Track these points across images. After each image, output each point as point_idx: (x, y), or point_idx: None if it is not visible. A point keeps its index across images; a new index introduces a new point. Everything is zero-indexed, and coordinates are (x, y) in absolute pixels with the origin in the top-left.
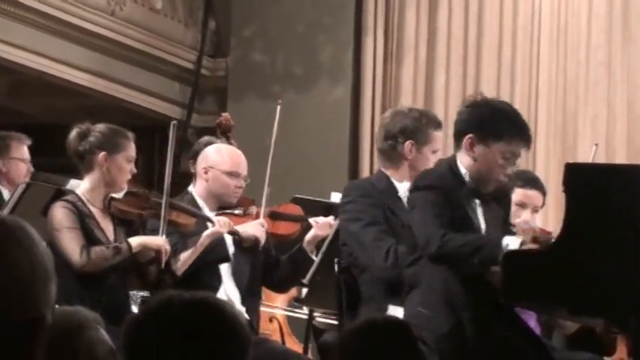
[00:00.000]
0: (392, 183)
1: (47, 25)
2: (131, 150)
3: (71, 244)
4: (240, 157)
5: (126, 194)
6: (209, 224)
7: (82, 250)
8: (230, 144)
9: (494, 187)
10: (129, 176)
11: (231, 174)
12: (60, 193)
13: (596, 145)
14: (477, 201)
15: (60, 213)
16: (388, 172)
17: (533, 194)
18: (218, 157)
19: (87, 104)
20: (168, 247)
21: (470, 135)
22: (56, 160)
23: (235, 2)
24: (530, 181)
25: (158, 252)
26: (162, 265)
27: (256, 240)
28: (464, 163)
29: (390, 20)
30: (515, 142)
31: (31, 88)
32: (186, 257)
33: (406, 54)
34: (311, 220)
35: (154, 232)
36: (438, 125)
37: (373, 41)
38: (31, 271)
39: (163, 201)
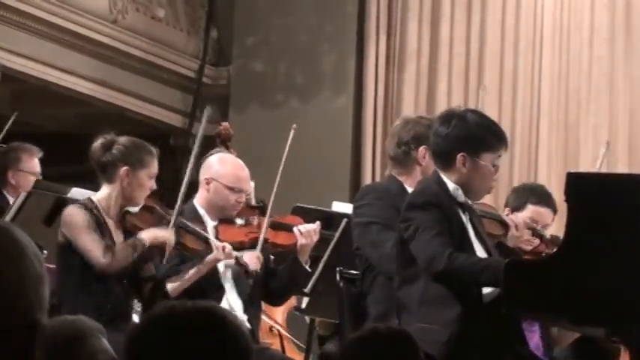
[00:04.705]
0: (404, 188)
1: (49, 33)
2: (154, 167)
3: (93, 246)
4: (244, 172)
5: (141, 209)
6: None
7: (105, 251)
8: (229, 153)
9: (484, 196)
10: (148, 192)
11: (233, 189)
12: (61, 202)
13: (608, 143)
14: (467, 214)
15: (77, 214)
16: (401, 179)
17: (546, 212)
18: (221, 170)
19: (89, 113)
20: (173, 240)
21: (462, 153)
22: (58, 169)
23: (237, 11)
24: (545, 198)
25: (163, 244)
26: (165, 258)
27: (249, 271)
28: (453, 180)
29: (393, 29)
30: (499, 148)
31: (33, 96)
32: (181, 281)
33: (408, 63)
34: (294, 229)
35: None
36: None
37: (375, 50)
38: (20, 281)
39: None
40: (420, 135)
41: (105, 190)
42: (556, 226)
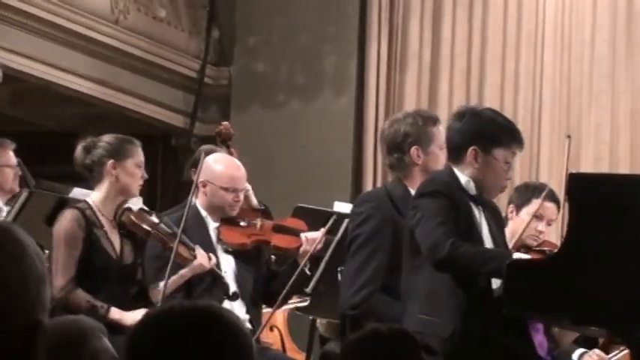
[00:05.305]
0: (409, 191)
1: (50, 33)
2: (139, 155)
3: (62, 268)
4: (238, 171)
5: (140, 209)
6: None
7: (68, 282)
8: (230, 153)
9: (497, 194)
10: (140, 182)
11: (227, 189)
12: (63, 202)
13: (569, 137)
14: (480, 209)
15: (66, 225)
16: (405, 182)
17: (551, 206)
18: (215, 172)
19: (90, 112)
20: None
21: (473, 147)
22: (59, 169)
23: (239, 11)
24: (550, 193)
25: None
26: (168, 272)
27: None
28: (465, 174)
29: (394, 30)
30: (513, 145)
31: (34, 96)
32: (164, 286)
33: (410, 63)
34: (301, 235)
35: (153, 256)
36: (435, 121)
37: (377, 51)
38: (21, 279)
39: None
40: (408, 135)
41: (98, 191)
42: (558, 226)
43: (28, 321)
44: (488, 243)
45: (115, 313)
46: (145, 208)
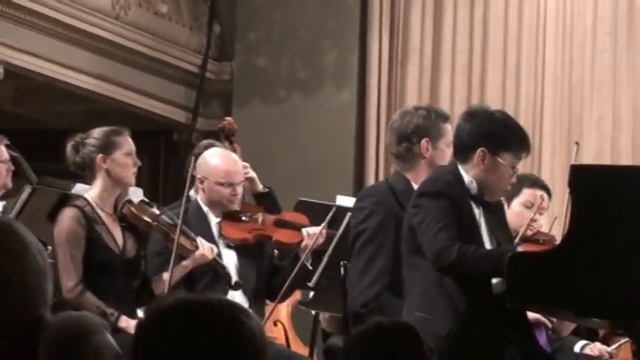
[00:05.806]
0: (411, 185)
1: (52, 29)
2: (127, 144)
3: (69, 270)
4: (234, 166)
5: (141, 202)
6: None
7: (78, 282)
8: (234, 148)
9: (499, 197)
10: (134, 169)
11: (223, 184)
12: (66, 198)
13: (577, 143)
14: (481, 208)
15: (67, 225)
16: (407, 175)
17: (542, 194)
18: (210, 167)
19: (92, 109)
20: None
21: (481, 148)
22: (62, 165)
23: (240, 6)
24: (538, 181)
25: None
26: (171, 267)
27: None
28: (470, 174)
29: (395, 24)
30: (521, 152)
31: (36, 93)
32: (167, 278)
33: (411, 58)
34: (303, 230)
35: (156, 253)
36: (446, 118)
37: (378, 45)
38: (22, 276)
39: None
40: (420, 127)
41: (95, 186)
42: (560, 219)
43: (30, 318)
44: (487, 242)
45: (123, 322)
46: (146, 200)
